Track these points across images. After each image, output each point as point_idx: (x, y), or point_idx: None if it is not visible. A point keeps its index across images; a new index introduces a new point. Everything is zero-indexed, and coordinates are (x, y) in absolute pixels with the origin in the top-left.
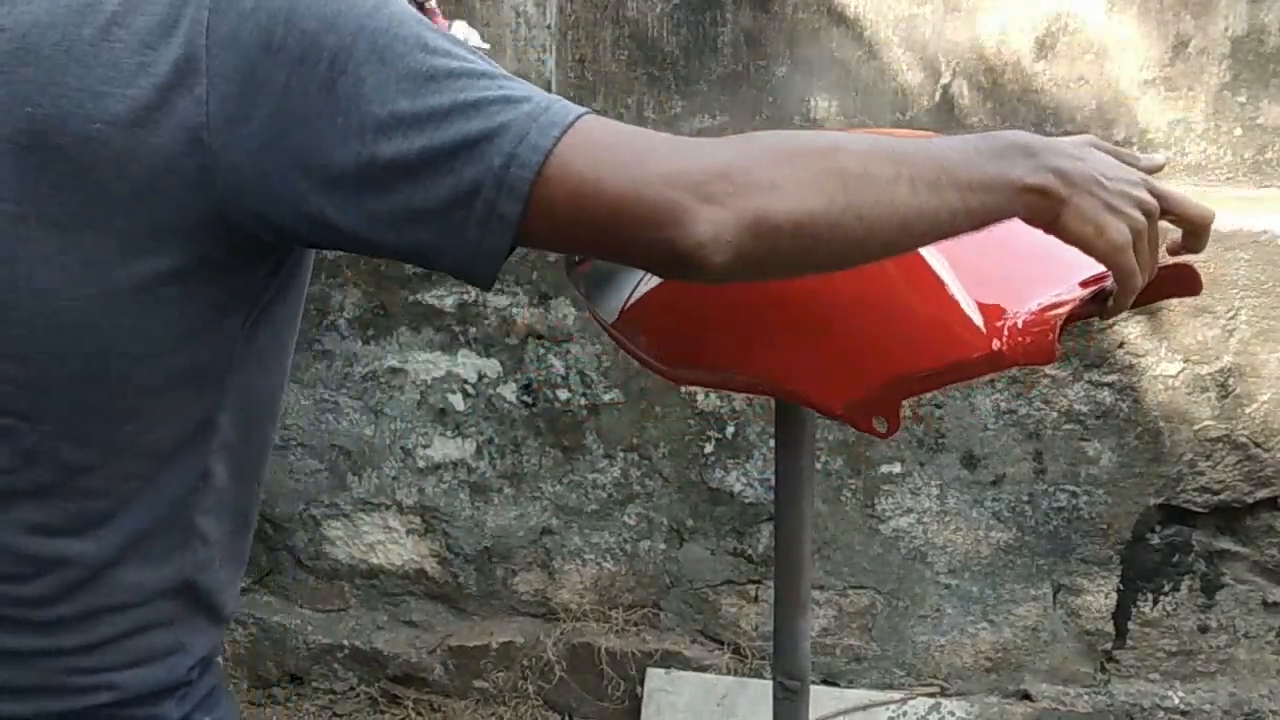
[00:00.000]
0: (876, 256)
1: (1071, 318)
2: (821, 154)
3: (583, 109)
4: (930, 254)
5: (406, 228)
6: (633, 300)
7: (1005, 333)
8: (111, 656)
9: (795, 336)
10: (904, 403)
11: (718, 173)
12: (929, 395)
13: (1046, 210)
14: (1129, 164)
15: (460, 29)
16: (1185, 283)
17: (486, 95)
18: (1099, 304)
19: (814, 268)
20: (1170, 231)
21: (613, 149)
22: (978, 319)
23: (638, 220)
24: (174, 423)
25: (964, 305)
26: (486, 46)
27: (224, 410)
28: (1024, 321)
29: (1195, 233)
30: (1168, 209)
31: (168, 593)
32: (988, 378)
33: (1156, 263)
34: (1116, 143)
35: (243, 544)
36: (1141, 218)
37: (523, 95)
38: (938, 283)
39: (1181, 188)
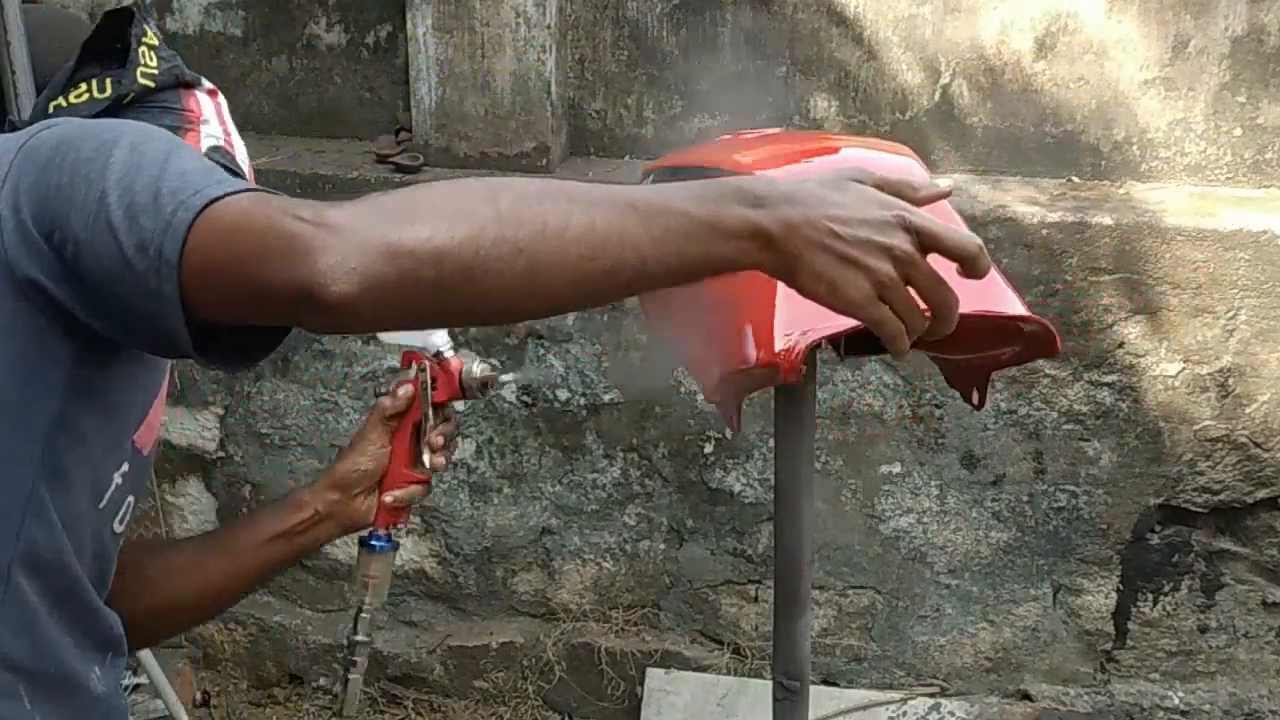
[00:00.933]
0: (561, 297)
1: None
2: (475, 189)
3: (292, 200)
4: None
5: (120, 286)
6: None
7: (790, 349)
8: None
9: (687, 320)
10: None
11: (351, 209)
12: (929, 395)
13: (776, 264)
14: (905, 195)
15: None
16: (1041, 343)
17: (201, 167)
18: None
19: (475, 304)
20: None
21: (277, 199)
22: (780, 332)
23: (270, 253)
24: None
25: (778, 317)
26: None
27: (31, 512)
28: (808, 342)
29: (965, 262)
30: (930, 246)
31: None
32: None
33: (945, 302)
34: (1116, 143)
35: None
36: (886, 267)
37: (235, 179)
38: (771, 293)
39: (1182, 188)
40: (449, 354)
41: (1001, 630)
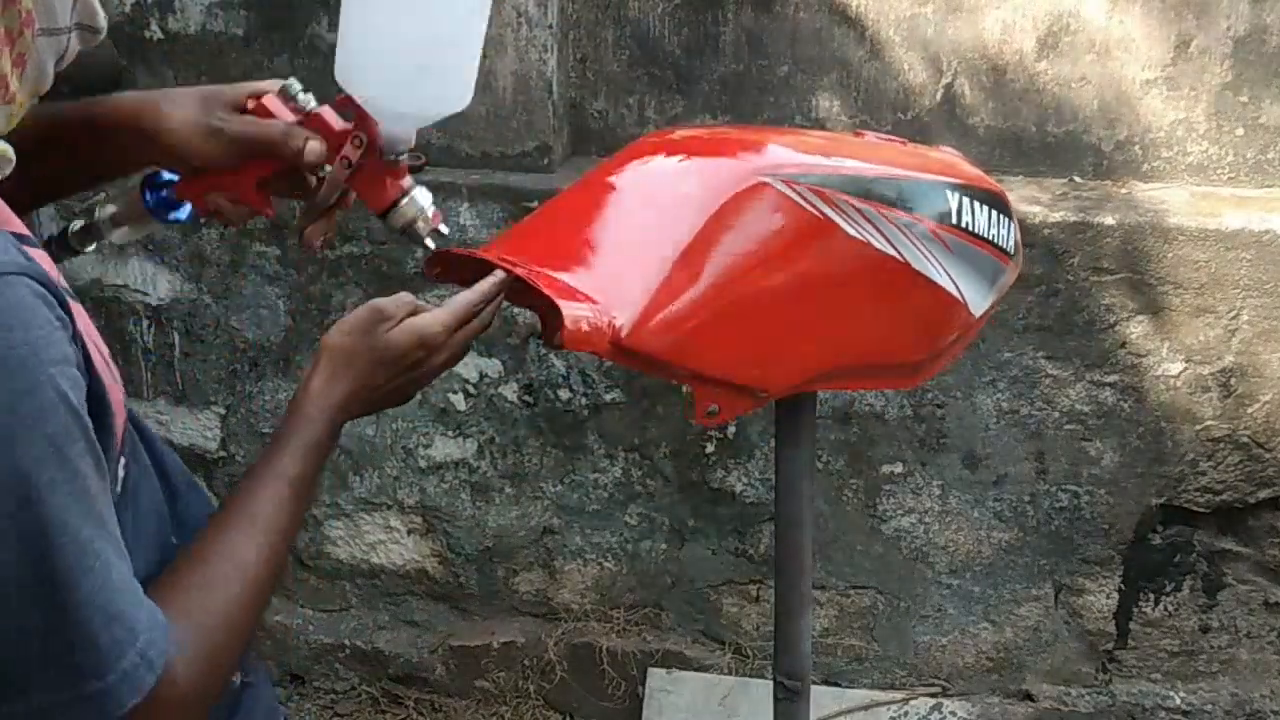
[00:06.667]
0: (278, 556)
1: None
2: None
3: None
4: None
5: None
6: None
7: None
8: None
9: None
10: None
11: None
12: (930, 395)
13: None
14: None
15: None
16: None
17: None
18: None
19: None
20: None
21: None
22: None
23: None
24: None
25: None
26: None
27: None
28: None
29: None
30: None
31: None
32: (988, 377)
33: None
34: (1118, 143)
35: None
36: (420, 380)
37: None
38: None
39: (1184, 188)
40: (405, 156)
41: (1003, 630)
